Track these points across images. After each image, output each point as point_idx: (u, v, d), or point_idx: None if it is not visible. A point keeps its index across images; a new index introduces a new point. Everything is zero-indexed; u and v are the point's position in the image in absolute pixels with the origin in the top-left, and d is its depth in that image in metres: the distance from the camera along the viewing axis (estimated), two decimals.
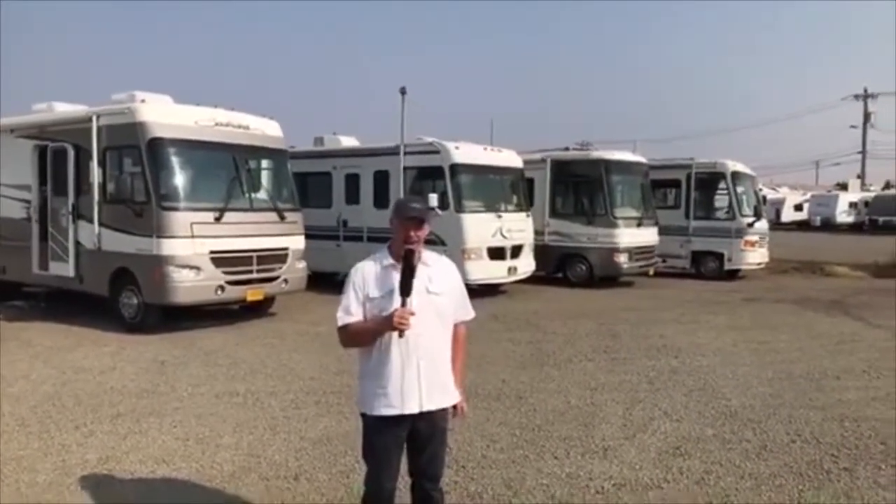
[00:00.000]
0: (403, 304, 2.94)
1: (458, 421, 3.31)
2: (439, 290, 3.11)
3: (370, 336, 3.05)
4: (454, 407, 3.23)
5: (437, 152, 13.26)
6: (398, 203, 3.23)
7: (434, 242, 12.78)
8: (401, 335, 2.95)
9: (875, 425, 5.77)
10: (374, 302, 3.05)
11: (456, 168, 13.07)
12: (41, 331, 9.75)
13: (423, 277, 3.05)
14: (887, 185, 55.32)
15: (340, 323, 3.09)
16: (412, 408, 3.04)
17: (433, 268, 3.14)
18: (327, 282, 13.78)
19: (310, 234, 11.45)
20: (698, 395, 6.68)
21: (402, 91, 13.01)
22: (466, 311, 3.30)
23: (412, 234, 3.03)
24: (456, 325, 3.24)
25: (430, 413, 3.08)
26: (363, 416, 3.17)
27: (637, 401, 6.50)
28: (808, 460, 5.04)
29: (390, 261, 3.09)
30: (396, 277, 2.99)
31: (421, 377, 3.04)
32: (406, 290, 2.95)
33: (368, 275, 3.10)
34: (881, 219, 41.73)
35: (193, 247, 9.44)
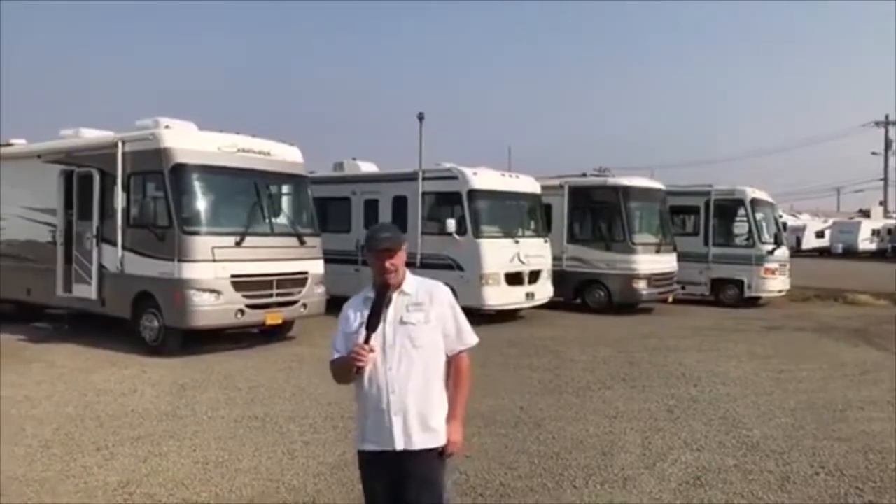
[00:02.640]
0: (367, 339, 2.83)
1: (450, 461, 3.04)
2: (417, 319, 2.90)
3: (345, 372, 2.93)
4: (444, 447, 2.95)
5: (455, 178, 13.36)
6: (367, 234, 3.04)
7: (452, 268, 12.84)
8: (357, 371, 2.85)
9: None
10: (348, 337, 2.94)
11: (474, 194, 13.15)
12: (64, 352, 9.87)
13: (399, 307, 2.92)
14: None
15: (330, 359, 3.01)
16: (388, 445, 2.87)
17: (413, 296, 2.95)
18: None
19: (328, 259, 11.54)
20: (719, 425, 6.60)
21: (420, 117, 13.19)
22: (462, 339, 3.02)
23: (386, 264, 2.88)
24: (456, 356, 3.02)
25: (411, 452, 2.88)
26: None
27: (656, 430, 6.44)
28: (831, 493, 4.95)
29: (370, 294, 2.94)
30: (375, 307, 2.88)
31: (393, 414, 2.85)
32: (370, 325, 2.84)
33: (349, 309, 3.00)
34: None
35: (214, 271, 9.55)
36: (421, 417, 2.90)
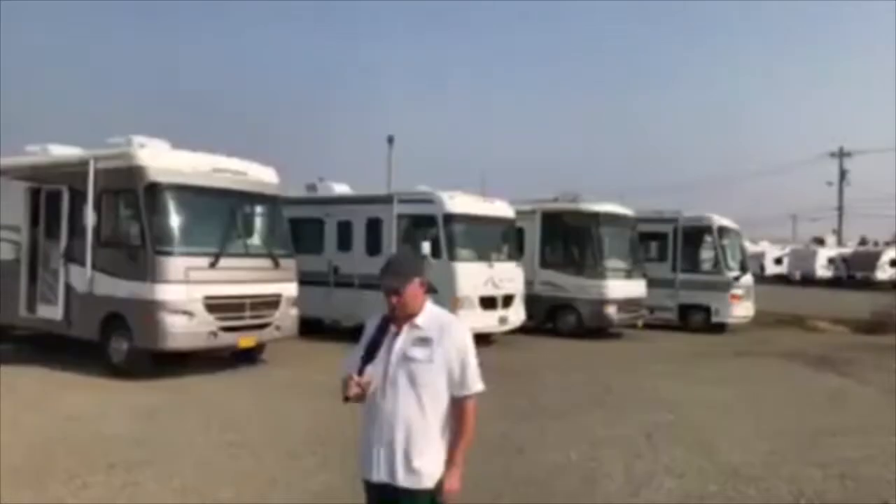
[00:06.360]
0: (360, 370, 2.81)
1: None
2: (423, 356, 2.81)
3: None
4: (433, 492, 2.83)
5: (431, 201, 13.38)
6: (383, 267, 2.98)
7: (426, 290, 12.79)
8: (344, 401, 2.82)
9: (875, 484, 5.80)
10: (353, 358, 2.94)
11: (450, 217, 13.17)
12: (27, 376, 9.51)
13: (406, 341, 2.85)
14: (862, 241, 56.59)
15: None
16: (373, 477, 2.86)
17: (424, 330, 2.85)
18: (316, 328, 13.72)
19: (300, 280, 11.37)
20: (698, 451, 6.67)
21: (390, 140, 13.27)
22: (465, 384, 2.86)
23: (392, 300, 2.86)
24: (461, 400, 2.87)
25: (396, 488, 2.82)
26: None
27: (637, 456, 6.48)
28: None
29: (381, 321, 2.96)
30: (376, 337, 2.91)
31: (381, 448, 2.82)
32: (367, 357, 2.84)
33: (367, 330, 2.99)
34: (859, 274, 42.66)
35: (188, 292, 9.36)
36: (406, 456, 2.81)
